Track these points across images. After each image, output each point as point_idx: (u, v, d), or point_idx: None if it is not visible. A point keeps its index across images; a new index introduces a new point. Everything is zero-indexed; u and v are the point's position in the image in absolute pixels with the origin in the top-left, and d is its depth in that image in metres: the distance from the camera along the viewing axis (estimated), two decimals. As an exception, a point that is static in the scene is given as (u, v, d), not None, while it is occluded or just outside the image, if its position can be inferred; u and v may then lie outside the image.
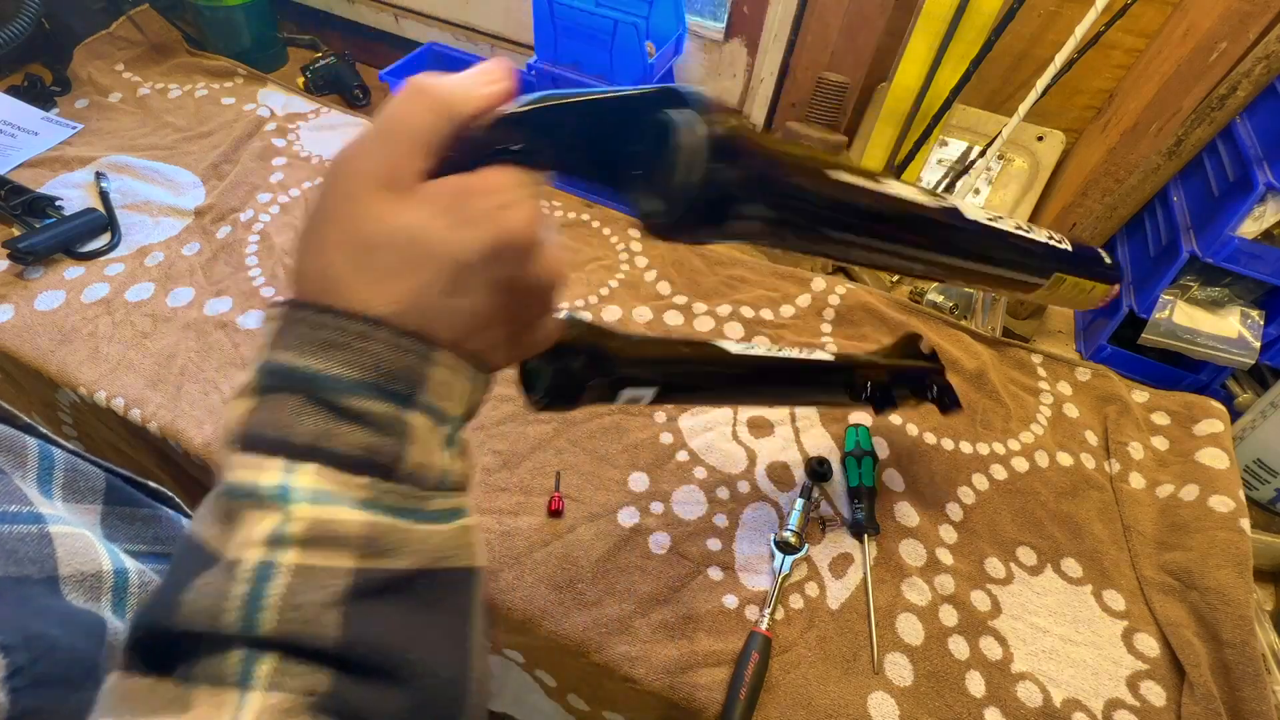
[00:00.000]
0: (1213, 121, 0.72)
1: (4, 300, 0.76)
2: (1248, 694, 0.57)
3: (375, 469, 0.23)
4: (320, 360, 0.22)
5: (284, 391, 0.23)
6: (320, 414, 0.22)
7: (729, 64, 1.03)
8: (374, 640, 0.21)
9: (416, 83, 0.24)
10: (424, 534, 0.24)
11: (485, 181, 0.24)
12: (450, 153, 0.24)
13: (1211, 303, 0.79)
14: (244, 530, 0.21)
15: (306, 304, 0.23)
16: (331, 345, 0.23)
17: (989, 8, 0.76)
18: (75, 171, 0.92)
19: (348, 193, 0.24)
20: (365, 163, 0.24)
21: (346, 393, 0.22)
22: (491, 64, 0.26)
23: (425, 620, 0.23)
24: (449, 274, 0.23)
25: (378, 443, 0.23)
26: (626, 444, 0.71)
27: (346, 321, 0.23)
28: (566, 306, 0.82)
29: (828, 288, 0.88)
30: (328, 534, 0.21)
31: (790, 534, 0.64)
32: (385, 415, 0.23)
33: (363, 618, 0.21)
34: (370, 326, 0.23)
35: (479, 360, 0.26)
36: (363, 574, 0.22)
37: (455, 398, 0.25)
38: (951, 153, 0.97)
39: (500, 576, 0.60)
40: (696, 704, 0.55)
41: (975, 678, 0.58)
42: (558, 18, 0.86)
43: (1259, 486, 0.78)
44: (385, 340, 0.23)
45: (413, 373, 0.24)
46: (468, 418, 0.28)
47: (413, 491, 0.24)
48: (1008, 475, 0.73)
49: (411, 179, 0.24)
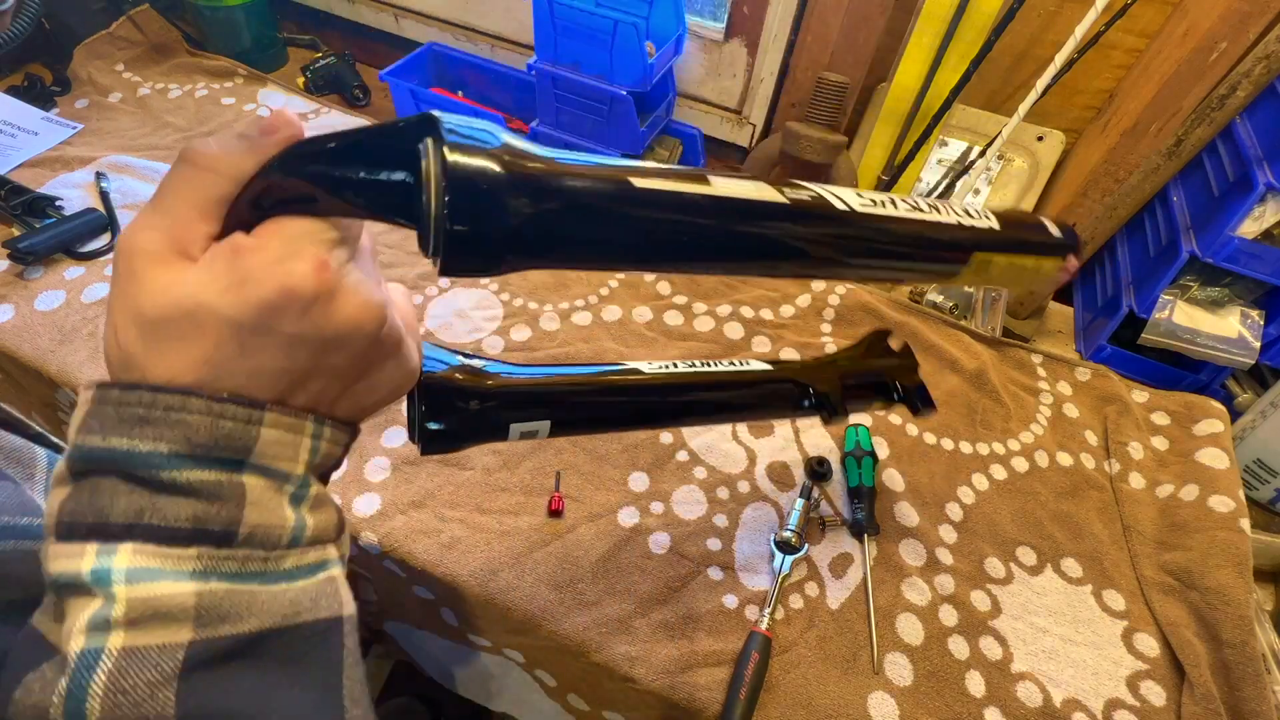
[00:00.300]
0: (1213, 121, 0.72)
1: (4, 300, 0.76)
2: (1248, 694, 0.57)
3: (207, 538, 0.22)
4: (130, 438, 0.22)
5: (97, 475, 0.22)
6: (137, 491, 0.22)
7: (729, 64, 1.03)
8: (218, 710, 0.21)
9: (186, 150, 0.24)
10: (274, 593, 0.24)
11: (260, 237, 0.23)
12: (237, 213, 0.24)
13: (1211, 303, 0.79)
14: (69, 620, 0.21)
15: (111, 384, 0.23)
16: (142, 421, 0.22)
17: (989, 8, 0.76)
18: (75, 171, 0.92)
19: (131, 271, 0.23)
20: (144, 237, 0.23)
21: (163, 467, 0.22)
22: (271, 114, 0.25)
23: (283, 679, 0.23)
24: (233, 336, 0.23)
25: (206, 511, 0.22)
26: (626, 444, 0.71)
27: (155, 395, 0.22)
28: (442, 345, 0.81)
29: (828, 288, 0.88)
30: (154, 610, 0.21)
31: (790, 534, 0.64)
32: (212, 483, 0.23)
33: (204, 689, 0.21)
34: (181, 397, 0.22)
35: (317, 414, 0.26)
36: (201, 644, 0.22)
37: (296, 455, 0.25)
38: (951, 153, 0.97)
39: (500, 576, 0.60)
40: (696, 704, 0.55)
41: (975, 678, 0.58)
42: (558, 18, 0.86)
43: (1259, 486, 0.78)
44: (200, 409, 0.22)
45: (237, 437, 0.23)
46: (322, 471, 0.27)
47: (255, 554, 0.23)
48: (1007, 475, 0.73)
49: (197, 246, 0.23)
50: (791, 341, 0.83)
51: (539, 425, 0.41)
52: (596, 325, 0.83)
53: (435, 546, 0.61)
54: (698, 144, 1.03)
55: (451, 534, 0.62)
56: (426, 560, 0.60)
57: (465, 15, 1.15)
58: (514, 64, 1.11)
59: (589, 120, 0.94)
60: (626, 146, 0.93)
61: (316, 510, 0.26)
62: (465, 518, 0.64)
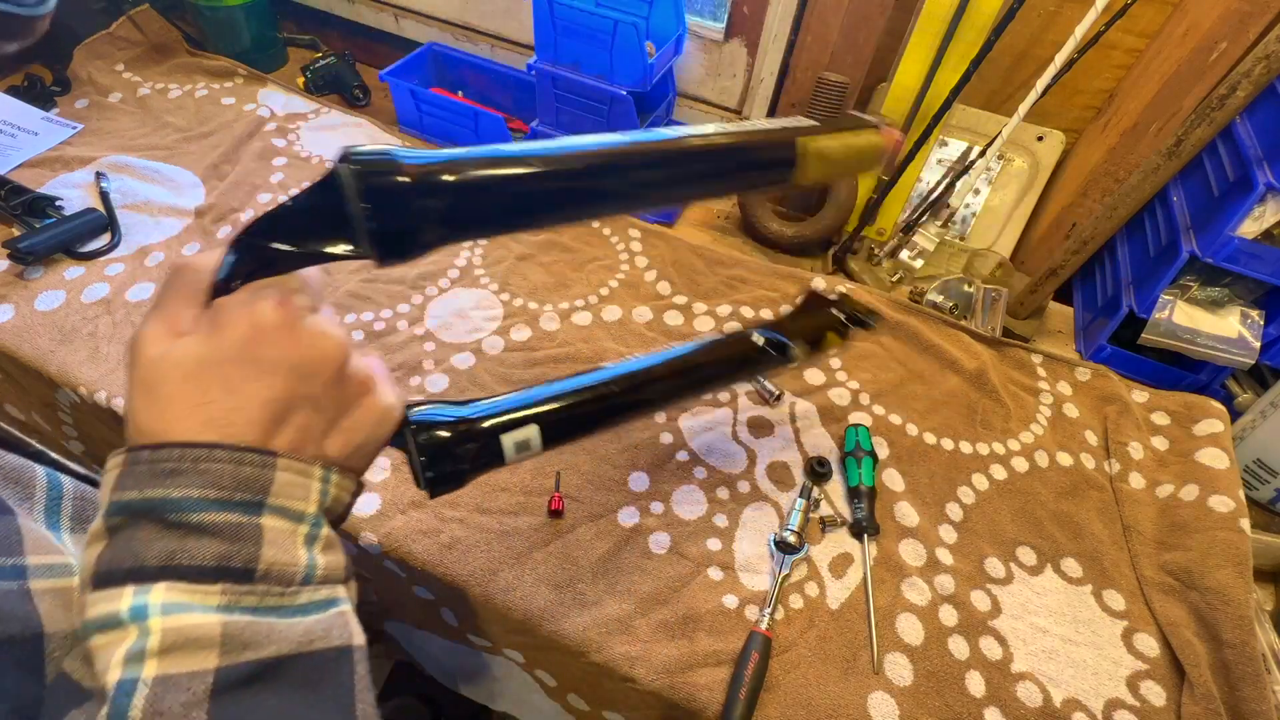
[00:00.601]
0: (1213, 121, 0.72)
1: (4, 300, 0.76)
2: (1248, 694, 0.57)
3: (230, 575, 0.25)
4: (166, 487, 0.25)
5: (132, 526, 0.25)
6: (170, 535, 0.25)
7: (729, 64, 1.03)
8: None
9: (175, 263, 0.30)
10: (290, 624, 0.26)
11: (233, 295, 0.29)
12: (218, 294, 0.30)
13: (1211, 303, 0.79)
14: (104, 657, 0.23)
15: (141, 446, 0.26)
16: (174, 473, 0.25)
17: (989, 8, 0.75)
18: (75, 171, 0.92)
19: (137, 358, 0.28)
20: (148, 330, 0.28)
21: (194, 510, 0.25)
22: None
23: (302, 699, 0.25)
24: (218, 374, 0.27)
25: (229, 550, 0.25)
26: (626, 444, 0.71)
27: (184, 450, 0.26)
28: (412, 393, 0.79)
29: (828, 288, 0.88)
30: (184, 640, 0.23)
31: (790, 534, 0.64)
32: (234, 524, 0.25)
33: (232, 710, 0.23)
34: (207, 450, 0.26)
35: (324, 460, 0.29)
36: (226, 670, 0.24)
37: (308, 496, 0.28)
38: (951, 153, 0.97)
39: (500, 576, 0.60)
40: (696, 704, 0.55)
41: (975, 678, 0.58)
42: (558, 18, 0.86)
43: (1259, 486, 0.78)
44: (224, 458, 0.26)
45: (255, 479, 0.26)
46: (333, 516, 0.30)
47: (273, 590, 0.26)
48: (1007, 475, 0.73)
49: (187, 324, 0.28)
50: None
51: (530, 434, 0.41)
52: (596, 325, 0.83)
53: (435, 546, 0.61)
54: (698, 144, 1.03)
55: (451, 534, 0.62)
56: (426, 560, 0.60)
57: (465, 15, 1.15)
58: (514, 64, 1.11)
59: (589, 120, 0.94)
60: (626, 146, 0.94)
61: (328, 552, 0.29)
62: (465, 518, 0.64)
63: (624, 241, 0.94)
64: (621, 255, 0.92)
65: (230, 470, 0.26)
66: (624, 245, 0.93)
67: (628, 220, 0.96)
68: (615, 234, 0.95)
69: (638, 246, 0.93)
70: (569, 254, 0.91)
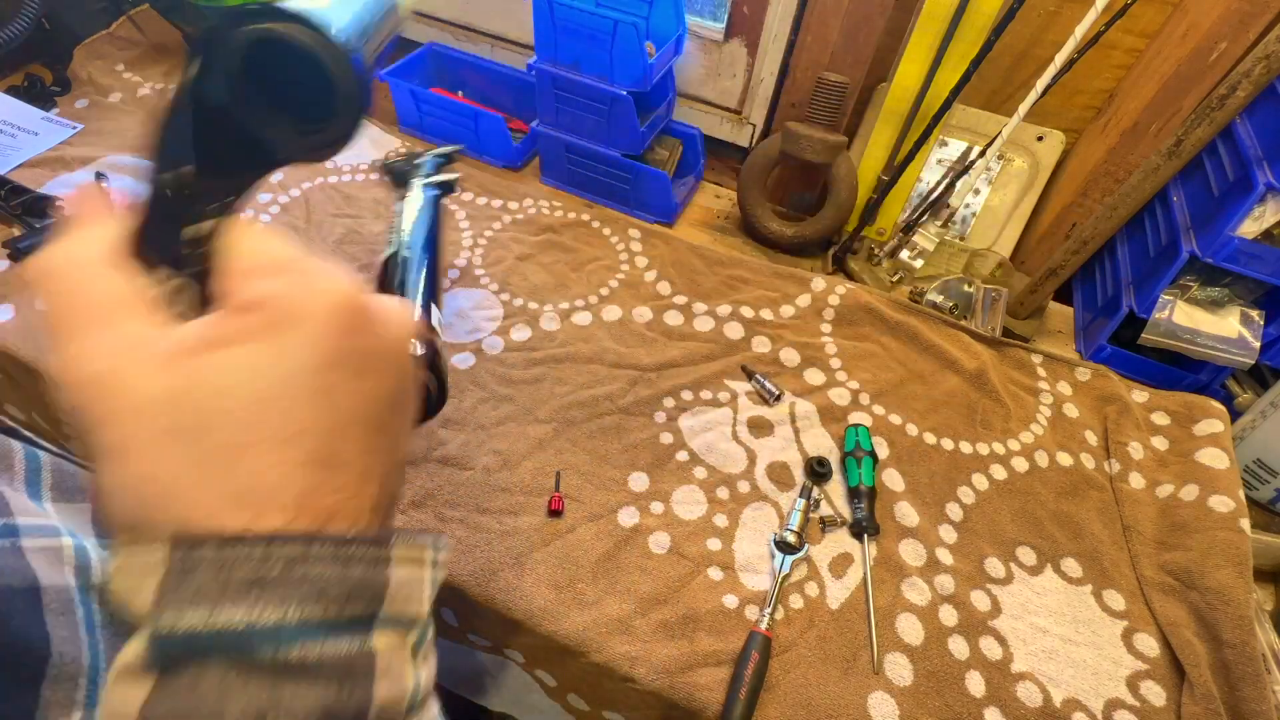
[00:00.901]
0: (1213, 121, 0.72)
1: (4, 300, 0.76)
2: (1248, 694, 0.57)
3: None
4: (251, 608, 0.17)
5: (196, 663, 0.17)
6: (259, 681, 0.17)
7: (729, 64, 1.03)
8: None
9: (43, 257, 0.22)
10: None
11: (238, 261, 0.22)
12: None
13: (1211, 303, 0.79)
14: None
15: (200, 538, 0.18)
16: (261, 584, 0.17)
17: (989, 8, 0.75)
18: (75, 171, 0.92)
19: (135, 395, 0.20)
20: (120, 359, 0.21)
21: (292, 641, 0.17)
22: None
23: None
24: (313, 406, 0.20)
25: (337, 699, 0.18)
26: (626, 444, 0.71)
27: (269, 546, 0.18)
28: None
29: (828, 288, 0.88)
30: None
31: (790, 534, 0.64)
32: (345, 656, 0.18)
33: None
34: (302, 545, 0.18)
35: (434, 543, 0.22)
36: None
37: (423, 594, 0.21)
38: (951, 153, 0.97)
39: (500, 576, 0.60)
40: (696, 704, 0.55)
41: (975, 678, 0.58)
42: (558, 18, 0.86)
43: (1259, 486, 0.78)
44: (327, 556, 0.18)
45: (369, 585, 0.19)
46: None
47: None
48: (1007, 475, 0.73)
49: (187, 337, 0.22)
50: (791, 341, 0.83)
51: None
52: (596, 325, 0.83)
53: (435, 546, 0.61)
54: (698, 144, 1.03)
55: (451, 534, 0.62)
56: (426, 560, 0.60)
57: (465, 15, 1.15)
58: (514, 64, 1.11)
59: (589, 120, 0.94)
60: (626, 146, 0.93)
61: (429, 659, 0.21)
62: (465, 518, 0.64)
63: (624, 241, 0.94)
64: (621, 255, 0.92)
65: (338, 575, 0.18)
66: (624, 245, 0.93)
67: (628, 220, 0.96)
68: (615, 234, 0.95)
69: (638, 246, 0.93)
70: (569, 254, 0.91)
